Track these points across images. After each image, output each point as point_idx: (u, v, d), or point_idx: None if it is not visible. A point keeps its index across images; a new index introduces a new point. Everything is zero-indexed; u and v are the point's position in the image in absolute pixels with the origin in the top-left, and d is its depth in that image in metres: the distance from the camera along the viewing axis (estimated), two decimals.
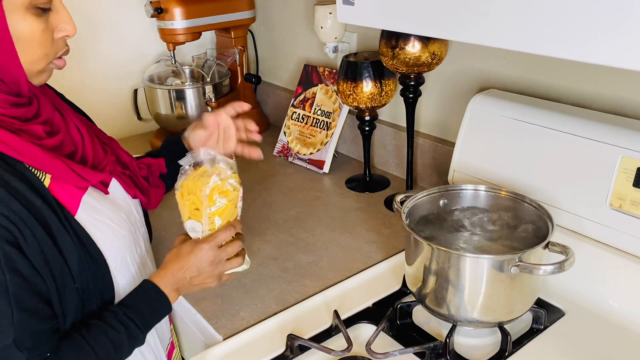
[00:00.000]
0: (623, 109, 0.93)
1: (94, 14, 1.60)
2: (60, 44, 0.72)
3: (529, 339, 0.83)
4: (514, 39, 0.63)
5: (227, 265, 0.84)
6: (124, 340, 0.74)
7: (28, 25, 0.66)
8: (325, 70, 1.49)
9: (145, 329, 0.77)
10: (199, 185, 0.81)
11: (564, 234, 0.90)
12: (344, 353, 0.80)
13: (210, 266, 0.82)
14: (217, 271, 0.83)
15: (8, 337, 0.64)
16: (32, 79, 0.71)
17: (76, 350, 0.71)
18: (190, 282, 0.81)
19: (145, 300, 0.78)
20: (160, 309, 0.79)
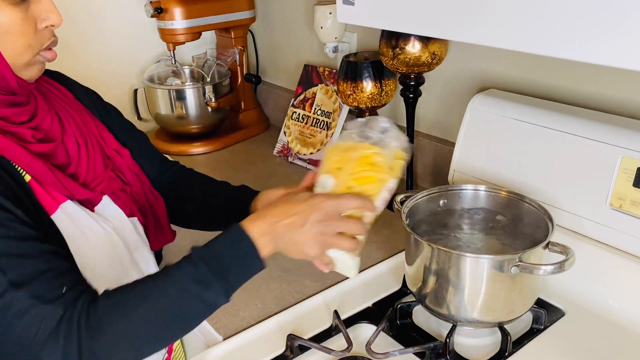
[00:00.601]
0: (623, 109, 0.93)
1: (94, 14, 1.60)
2: (45, 34, 0.69)
3: (529, 339, 0.83)
4: (514, 39, 0.63)
5: (337, 240, 0.68)
6: (188, 282, 0.63)
7: (4, 15, 0.64)
8: (325, 70, 1.49)
9: (220, 276, 0.63)
10: (357, 147, 0.72)
11: (564, 234, 0.90)
12: (344, 353, 0.80)
13: (319, 225, 0.67)
14: (324, 237, 0.67)
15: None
16: (19, 72, 0.68)
17: (124, 290, 0.64)
18: (288, 234, 0.67)
19: (224, 242, 0.66)
20: (242, 256, 0.66)
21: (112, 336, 0.61)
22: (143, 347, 0.64)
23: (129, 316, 0.62)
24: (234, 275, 0.65)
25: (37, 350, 0.59)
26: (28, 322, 0.59)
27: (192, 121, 1.62)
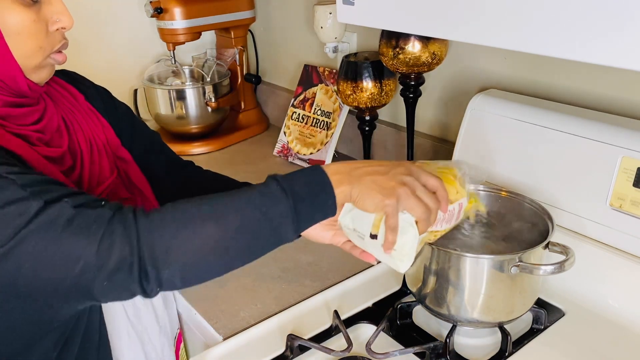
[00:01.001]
0: (623, 109, 0.93)
1: (94, 14, 1.60)
2: (56, 37, 0.69)
3: (529, 339, 0.83)
4: (514, 38, 0.63)
5: (415, 200, 0.64)
6: (255, 195, 0.60)
7: (16, 16, 0.63)
8: (325, 70, 1.49)
9: (288, 192, 0.60)
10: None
11: (564, 234, 0.90)
12: (344, 353, 0.80)
13: (403, 176, 0.64)
14: (404, 189, 0.63)
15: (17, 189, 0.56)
16: (30, 75, 0.68)
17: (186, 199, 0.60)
18: (368, 177, 0.63)
19: (299, 172, 0.63)
20: (314, 184, 0.62)
21: (170, 231, 0.57)
22: (203, 249, 0.58)
23: (193, 213, 0.58)
24: (303, 202, 0.61)
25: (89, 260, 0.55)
26: (76, 230, 0.55)
27: (192, 121, 1.62)
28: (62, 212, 0.56)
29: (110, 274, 0.55)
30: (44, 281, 0.55)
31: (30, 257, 0.54)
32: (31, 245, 0.54)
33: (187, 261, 0.57)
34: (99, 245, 0.55)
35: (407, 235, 0.67)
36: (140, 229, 0.56)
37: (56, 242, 0.54)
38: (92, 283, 0.55)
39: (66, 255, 0.54)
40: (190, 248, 0.57)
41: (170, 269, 0.56)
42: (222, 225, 0.58)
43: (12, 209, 0.54)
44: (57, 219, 0.55)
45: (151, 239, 0.56)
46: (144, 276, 0.56)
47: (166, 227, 0.57)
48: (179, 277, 0.58)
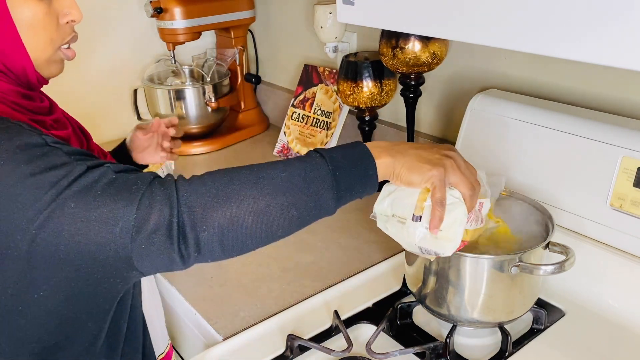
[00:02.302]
0: (623, 109, 0.93)
1: (94, 14, 1.60)
2: (66, 30, 0.71)
3: (529, 339, 0.83)
4: (514, 39, 0.63)
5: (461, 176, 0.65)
6: (292, 160, 0.61)
7: (29, 9, 0.65)
8: (325, 70, 1.49)
9: (327, 159, 0.61)
10: None
11: (564, 234, 0.90)
12: (344, 353, 0.80)
13: (446, 150, 0.66)
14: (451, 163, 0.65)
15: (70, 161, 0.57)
16: (41, 69, 0.70)
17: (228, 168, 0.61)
18: (413, 151, 0.64)
19: (339, 146, 0.65)
20: (355, 155, 0.63)
21: (209, 194, 0.57)
22: (242, 210, 0.58)
23: (232, 176, 0.59)
24: (342, 170, 0.61)
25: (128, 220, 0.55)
26: (116, 191, 0.55)
27: (192, 121, 1.62)
28: (103, 175, 0.57)
29: (149, 235, 0.55)
30: (84, 246, 0.55)
31: (70, 219, 0.54)
32: (71, 207, 0.54)
33: (225, 224, 0.57)
34: (138, 206, 0.55)
35: (455, 211, 0.65)
36: (179, 191, 0.57)
37: (96, 204, 0.55)
38: (131, 246, 0.55)
39: (105, 217, 0.55)
40: (229, 211, 0.57)
41: (209, 231, 0.56)
42: (261, 189, 0.58)
43: (57, 172, 0.55)
44: (98, 181, 0.56)
45: (190, 200, 0.56)
46: (182, 238, 0.56)
47: (205, 190, 0.57)
48: (217, 241, 0.57)
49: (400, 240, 0.71)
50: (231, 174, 0.60)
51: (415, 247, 0.70)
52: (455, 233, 0.66)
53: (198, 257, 0.58)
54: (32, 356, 0.64)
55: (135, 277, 0.62)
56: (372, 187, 0.63)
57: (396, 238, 0.71)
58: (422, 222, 0.66)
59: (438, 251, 0.68)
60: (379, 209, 0.70)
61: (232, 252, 0.59)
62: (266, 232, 0.60)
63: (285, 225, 0.61)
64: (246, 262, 1.07)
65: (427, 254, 0.70)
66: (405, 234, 0.69)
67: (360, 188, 0.63)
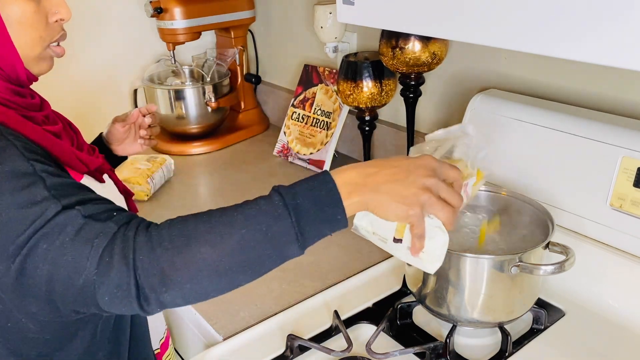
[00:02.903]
0: (623, 109, 0.93)
1: (94, 14, 1.60)
2: (55, 28, 0.72)
3: (529, 339, 0.83)
4: (514, 39, 0.63)
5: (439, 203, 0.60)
6: (258, 211, 0.57)
7: (18, 7, 0.66)
8: (325, 70, 1.49)
9: (291, 208, 0.57)
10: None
11: (565, 234, 0.90)
12: (344, 353, 0.80)
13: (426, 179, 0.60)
14: (429, 195, 0.59)
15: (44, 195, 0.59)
16: (30, 66, 0.71)
17: (187, 216, 0.59)
18: (386, 185, 0.59)
19: (305, 182, 0.60)
20: (320, 198, 0.58)
21: (166, 255, 0.56)
22: (201, 272, 0.56)
23: (189, 235, 0.56)
24: (307, 218, 0.58)
25: (90, 274, 0.56)
26: (81, 241, 0.56)
27: (192, 121, 1.62)
28: (73, 220, 0.57)
29: (110, 291, 0.56)
30: (57, 284, 0.57)
31: (43, 259, 0.57)
32: (44, 248, 0.57)
33: (185, 283, 0.56)
34: (98, 262, 0.56)
35: (436, 239, 0.63)
36: (136, 252, 0.56)
37: (64, 251, 0.56)
38: (94, 296, 0.57)
39: (72, 264, 0.56)
40: (188, 270, 0.56)
41: (170, 292, 0.56)
42: (221, 246, 0.56)
43: (35, 209, 0.57)
44: (67, 227, 0.57)
45: (148, 263, 0.56)
46: (143, 297, 0.56)
47: (163, 249, 0.56)
48: (180, 297, 0.57)
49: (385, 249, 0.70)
50: (189, 230, 0.57)
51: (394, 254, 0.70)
52: (437, 256, 0.65)
53: (161, 309, 0.59)
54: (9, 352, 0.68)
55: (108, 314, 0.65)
56: (343, 226, 0.60)
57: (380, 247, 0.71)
58: (403, 244, 0.66)
59: (422, 268, 0.67)
60: (359, 225, 0.69)
61: (195, 301, 0.60)
62: (228, 284, 0.59)
63: (248, 277, 0.59)
64: None
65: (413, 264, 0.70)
66: (387, 249, 0.69)
67: (328, 231, 0.60)
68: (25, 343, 0.67)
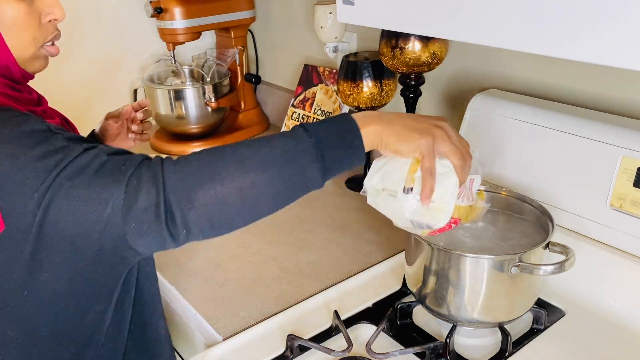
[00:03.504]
0: (623, 109, 0.93)
1: (94, 13, 1.60)
2: (49, 28, 0.72)
3: (529, 339, 0.83)
4: (514, 38, 0.63)
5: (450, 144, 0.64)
6: (278, 136, 0.61)
7: (11, 8, 0.66)
8: (325, 70, 1.49)
9: (312, 132, 0.61)
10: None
11: (564, 234, 0.90)
12: (344, 353, 0.80)
13: (436, 120, 0.65)
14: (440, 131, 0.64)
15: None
16: (25, 66, 0.71)
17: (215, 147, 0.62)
18: (400, 119, 0.63)
19: (325, 120, 0.64)
20: (339, 124, 0.62)
21: (193, 174, 0.59)
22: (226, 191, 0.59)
23: (216, 156, 0.60)
24: (327, 141, 0.61)
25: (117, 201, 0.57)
26: (106, 172, 0.59)
27: (192, 121, 1.62)
28: (97, 156, 0.60)
29: (138, 215, 0.57)
30: (81, 224, 0.58)
31: (68, 198, 0.58)
32: (68, 186, 0.58)
33: (211, 202, 0.58)
34: (126, 187, 0.58)
35: (446, 182, 0.64)
36: (165, 171, 0.59)
37: (89, 183, 0.58)
38: (122, 224, 0.58)
39: (98, 196, 0.58)
40: (213, 189, 0.58)
41: (196, 210, 0.58)
42: (244, 166, 0.59)
43: (58, 156, 0.59)
44: (92, 162, 0.59)
45: (175, 181, 0.58)
46: (170, 217, 0.58)
47: (190, 170, 0.59)
48: (205, 218, 0.59)
49: (391, 215, 0.70)
50: (215, 153, 0.61)
51: (406, 221, 0.68)
52: (447, 204, 0.65)
53: (189, 236, 0.60)
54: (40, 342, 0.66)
55: (133, 257, 0.64)
56: (359, 158, 0.63)
57: (387, 213, 0.70)
58: (414, 194, 0.65)
59: (430, 223, 0.67)
60: (369, 185, 0.69)
61: (221, 230, 0.61)
62: (253, 208, 0.61)
63: (271, 201, 0.61)
64: (246, 262, 1.07)
65: (419, 227, 0.69)
66: (396, 207, 0.68)
67: (347, 159, 0.62)
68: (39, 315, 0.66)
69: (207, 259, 1.09)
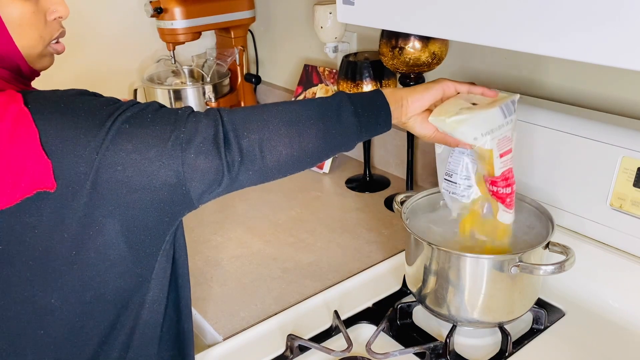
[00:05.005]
0: (623, 109, 0.93)
1: (94, 13, 1.60)
2: (54, 26, 0.73)
3: (529, 339, 0.83)
4: (514, 38, 0.63)
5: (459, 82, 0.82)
6: (317, 101, 0.73)
7: (17, 8, 0.68)
8: (325, 70, 1.49)
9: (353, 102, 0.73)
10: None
11: (564, 234, 0.90)
12: (344, 353, 0.80)
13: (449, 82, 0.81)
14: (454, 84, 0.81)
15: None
16: (33, 64, 0.73)
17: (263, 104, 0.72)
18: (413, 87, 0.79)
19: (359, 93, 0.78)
20: (373, 99, 0.75)
21: (248, 111, 0.68)
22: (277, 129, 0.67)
23: (264, 106, 0.69)
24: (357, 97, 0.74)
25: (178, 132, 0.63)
26: (164, 113, 0.64)
27: None
28: (151, 105, 0.65)
29: (198, 144, 0.63)
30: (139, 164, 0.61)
31: (127, 138, 0.61)
32: (126, 128, 0.61)
33: (264, 133, 0.66)
34: (185, 123, 0.63)
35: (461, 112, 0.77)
36: (221, 111, 0.67)
37: (149, 123, 0.63)
38: (182, 156, 0.62)
39: (158, 133, 0.62)
40: (265, 124, 0.67)
41: (249, 137, 0.65)
42: (294, 111, 0.69)
43: (111, 107, 0.63)
44: (147, 109, 0.64)
45: (231, 116, 0.66)
46: (226, 144, 0.64)
47: (244, 111, 0.67)
48: (257, 146, 0.66)
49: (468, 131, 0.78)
50: (266, 105, 0.70)
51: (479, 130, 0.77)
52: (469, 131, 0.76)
53: (241, 165, 0.65)
54: (83, 307, 0.67)
55: (185, 205, 0.66)
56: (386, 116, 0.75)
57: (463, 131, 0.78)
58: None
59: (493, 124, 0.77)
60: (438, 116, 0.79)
61: (270, 162, 0.67)
62: (299, 142, 0.69)
63: (314, 139, 0.70)
64: (246, 262, 1.08)
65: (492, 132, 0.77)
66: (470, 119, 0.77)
67: (374, 111, 0.74)
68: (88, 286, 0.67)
69: (207, 259, 1.09)
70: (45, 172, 0.59)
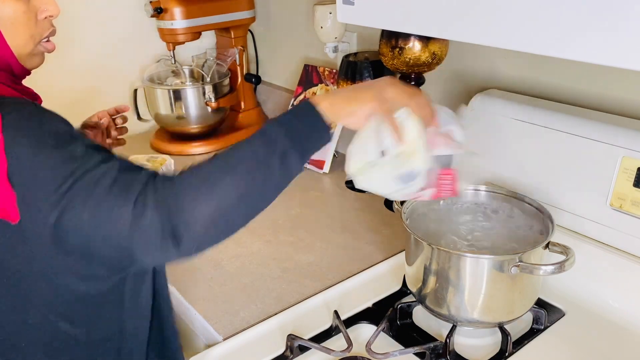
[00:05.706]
0: (623, 109, 0.93)
1: (94, 13, 1.60)
2: (45, 25, 0.74)
3: (529, 339, 0.83)
4: (514, 39, 0.63)
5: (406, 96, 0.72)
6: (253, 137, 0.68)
7: (9, 8, 0.68)
8: (325, 70, 1.49)
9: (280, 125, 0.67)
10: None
11: (565, 234, 0.90)
12: (344, 353, 0.80)
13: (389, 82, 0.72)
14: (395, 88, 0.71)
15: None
16: (24, 62, 0.73)
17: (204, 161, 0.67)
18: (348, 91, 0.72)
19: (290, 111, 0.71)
20: (302, 113, 0.70)
21: (192, 190, 0.63)
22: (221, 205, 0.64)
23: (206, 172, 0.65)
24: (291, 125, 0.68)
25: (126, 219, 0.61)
26: (117, 190, 0.62)
27: (192, 121, 1.62)
28: (109, 172, 0.63)
29: (145, 230, 0.61)
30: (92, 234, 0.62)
31: (82, 207, 0.61)
32: (83, 197, 0.61)
33: (214, 214, 0.63)
34: (134, 205, 0.61)
35: (409, 123, 0.70)
36: (167, 193, 0.63)
37: (101, 200, 0.61)
38: (131, 240, 0.61)
39: (107, 214, 0.61)
40: (214, 203, 0.63)
41: (199, 223, 0.62)
42: (235, 172, 0.65)
43: (76, 163, 0.62)
44: (105, 176, 0.62)
45: (176, 199, 0.62)
46: (176, 232, 0.62)
47: (189, 186, 0.64)
48: (208, 230, 0.63)
49: (381, 185, 0.72)
50: (207, 167, 0.65)
51: (395, 181, 0.71)
52: (417, 143, 0.69)
53: (196, 248, 0.64)
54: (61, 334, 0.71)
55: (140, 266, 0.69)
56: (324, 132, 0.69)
57: (377, 187, 0.73)
58: (388, 151, 0.70)
59: (414, 169, 0.70)
60: (351, 170, 0.73)
61: (226, 235, 0.65)
62: (250, 207, 0.66)
63: (264, 194, 0.66)
64: (246, 262, 1.08)
65: (410, 181, 0.71)
66: (380, 174, 0.71)
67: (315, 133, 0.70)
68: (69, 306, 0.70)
69: (207, 259, 1.09)
70: (9, 203, 0.61)
